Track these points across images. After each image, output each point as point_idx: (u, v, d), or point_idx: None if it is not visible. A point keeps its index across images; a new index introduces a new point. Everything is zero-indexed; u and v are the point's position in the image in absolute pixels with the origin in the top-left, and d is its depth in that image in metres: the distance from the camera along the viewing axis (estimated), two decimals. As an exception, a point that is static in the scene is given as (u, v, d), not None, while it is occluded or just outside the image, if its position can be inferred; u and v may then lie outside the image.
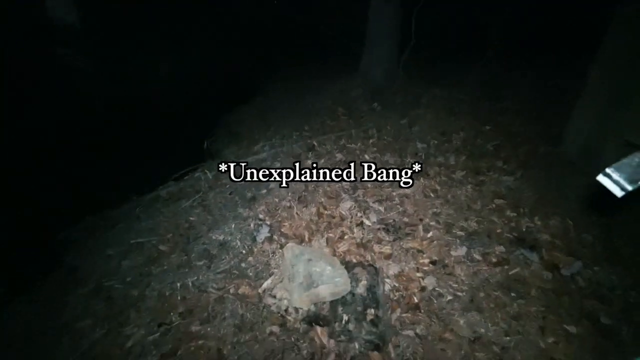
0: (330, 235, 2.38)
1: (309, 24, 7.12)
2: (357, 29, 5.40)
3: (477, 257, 2.16)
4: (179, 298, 2.01)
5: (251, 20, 7.67)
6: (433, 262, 2.14)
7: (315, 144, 3.64)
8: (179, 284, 2.07)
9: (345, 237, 2.37)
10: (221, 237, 2.41)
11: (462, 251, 2.19)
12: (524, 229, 2.40)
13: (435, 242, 2.29)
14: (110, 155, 3.75)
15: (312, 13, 6.43)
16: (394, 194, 2.78)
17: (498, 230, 2.40)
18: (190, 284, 2.07)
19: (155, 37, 6.25)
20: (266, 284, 2.04)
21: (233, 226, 2.49)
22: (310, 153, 3.46)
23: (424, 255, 2.19)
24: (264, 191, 2.86)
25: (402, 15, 4.88)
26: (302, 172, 2.92)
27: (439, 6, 5.01)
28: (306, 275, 1.91)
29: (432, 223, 2.47)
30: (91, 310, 2.01)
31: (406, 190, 2.81)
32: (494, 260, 2.15)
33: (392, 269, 2.11)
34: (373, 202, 2.69)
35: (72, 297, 2.14)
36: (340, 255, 2.22)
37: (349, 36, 6.05)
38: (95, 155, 3.74)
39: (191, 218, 2.61)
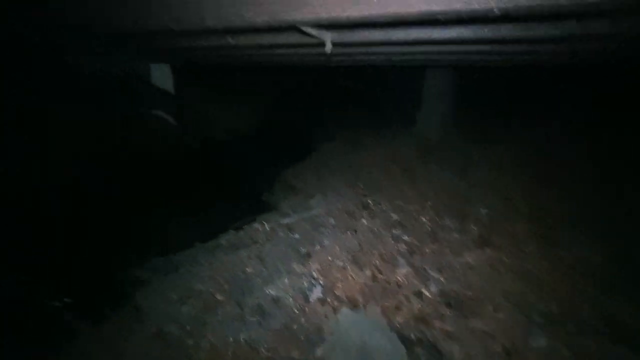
0: (386, 303, 2.25)
1: (363, 85, 7.59)
2: (411, 87, 5.63)
3: (566, 353, 1.84)
4: (230, 353, 1.99)
5: (306, 83, 8.41)
6: (507, 352, 1.87)
7: (370, 202, 3.64)
8: (231, 338, 2.07)
9: (402, 307, 2.22)
10: (274, 293, 2.41)
11: (542, 342, 1.90)
12: (620, 318, 2.04)
13: (507, 325, 2.03)
14: (178, 201, 4.12)
15: (367, 74, 6.87)
16: (456, 262, 2.60)
17: (585, 318, 2.06)
18: (242, 339, 2.06)
19: (224, 97, 7.10)
20: (319, 351, 1.95)
21: (287, 282, 2.49)
22: (364, 211, 3.46)
23: (495, 341, 1.94)
24: (318, 247, 2.86)
25: (457, 73, 5.01)
26: (356, 231, 2.90)
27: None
28: (360, 348, 1.79)
29: (502, 302, 2.22)
30: (149, 356, 2.07)
31: (469, 259, 2.62)
32: None
33: (457, 352, 1.89)
34: (432, 270, 2.53)
35: (133, 339, 2.24)
36: (397, 327, 2.06)
37: (402, 93, 6.29)
38: (166, 200, 4.13)
39: (247, 269, 2.68)
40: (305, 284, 2.44)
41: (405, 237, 2.97)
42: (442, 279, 2.45)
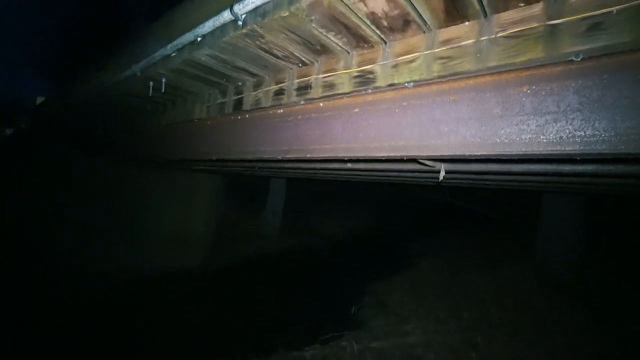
0: None
1: (472, 203, 7.28)
2: (525, 213, 5.09)
3: None
4: None
5: (407, 195, 8.51)
6: None
7: (479, 340, 3.04)
8: None
9: None
10: None
11: None
12: None
13: None
14: (268, 303, 4.22)
15: (475, 195, 6.63)
16: None
17: None
18: None
19: (325, 205, 7.69)
20: None
21: None
22: (472, 352, 2.87)
23: None
24: (415, 389, 2.41)
25: (585, 200, 4.38)
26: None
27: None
28: None
29: None
30: None
31: None
32: None
33: None
34: None
35: None
36: None
37: (518, 217, 5.71)
38: (255, 301, 4.28)
39: (330, 396, 2.39)
40: None
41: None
42: None
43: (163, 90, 1.95)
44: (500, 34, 0.96)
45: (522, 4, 0.91)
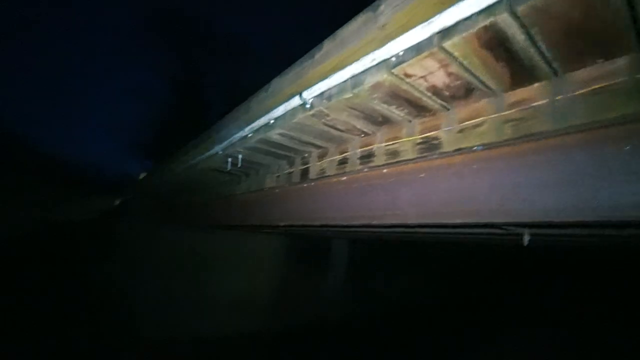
0: None
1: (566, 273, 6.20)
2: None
3: None
4: None
5: (483, 260, 7.62)
6: None
7: None
8: None
9: None
10: None
11: None
12: None
13: None
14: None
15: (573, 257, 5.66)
16: None
17: None
18: None
19: (391, 270, 7.23)
20: None
21: None
22: None
23: None
24: None
25: None
26: None
27: None
28: None
29: None
30: None
31: None
32: None
33: None
34: None
35: None
36: None
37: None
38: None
39: None
40: None
41: None
42: None
43: (239, 165, 2.19)
44: (578, 92, 0.90)
45: (601, 60, 0.86)
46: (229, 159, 2.26)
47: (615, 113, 0.83)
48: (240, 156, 2.14)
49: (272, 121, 1.63)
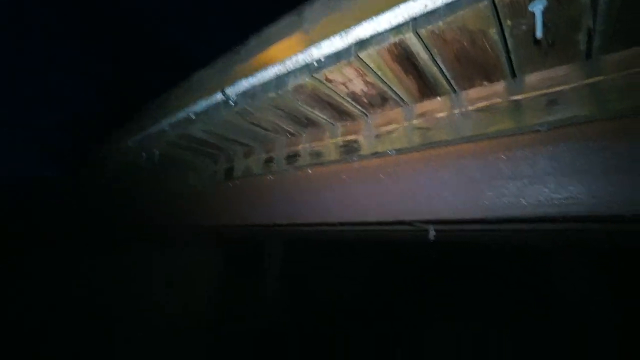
0: None
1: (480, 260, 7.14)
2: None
3: None
4: None
5: (402, 255, 8.34)
6: None
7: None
8: None
9: None
10: None
11: None
12: None
13: None
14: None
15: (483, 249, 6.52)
16: None
17: None
18: None
19: (325, 268, 7.45)
20: None
21: None
22: None
23: None
24: None
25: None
26: None
27: None
28: None
29: None
30: None
31: None
32: None
33: None
34: None
35: None
36: None
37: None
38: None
39: None
40: None
41: None
42: None
43: (156, 160, 2.00)
44: (470, 108, 1.04)
45: (486, 82, 1.01)
46: (144, 153, 2.05)
47: (495, 128, 0.99)
48: (157, 151, 1.96)
49: (192, 116, 1.53)
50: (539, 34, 0.67)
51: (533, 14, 0.67)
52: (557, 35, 0.75)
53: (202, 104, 1.43)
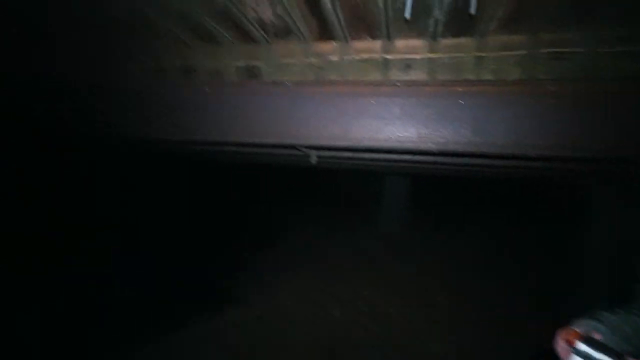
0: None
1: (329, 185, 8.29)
2: (370, 192, 6.35)
3: None
4: None
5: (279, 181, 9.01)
6: None
7: (340, 293, 3.75)
8: None
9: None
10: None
11: None
12: None
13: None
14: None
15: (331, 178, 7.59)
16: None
17: None
18: None
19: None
20: None
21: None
22: (335, 303, 3.53)
23: None
24: (290, 341, 2.83)
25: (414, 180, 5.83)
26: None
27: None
28: None
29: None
30: None
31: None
32: None
33: None
34: (401, 362, 2.59)
35: None
36: None
37: (363, 198, 6.95)
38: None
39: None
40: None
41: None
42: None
43: None
44: (355, 57, 1.29)
45: (369, 38, 1.26)
46: None
47: (370, 77, 1.28)
48: None
49: None
50: (407, 14, 0.92)
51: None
52: (418, 18, 1.03)
53: (74, -13, 1.19)
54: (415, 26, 1.11)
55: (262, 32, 1.28)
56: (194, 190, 5.40)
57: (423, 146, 1.31)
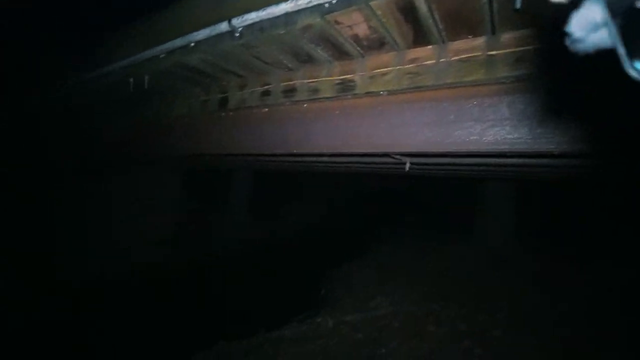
0: None
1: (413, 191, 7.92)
2: (465, 202, 5.77)
3: None
4: None
5: (370, 189, 9.04)
6: None
7: (437, 307, 3.51)
8: None
9: None
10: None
11: None
12: None
13: None
14: (245, 291, 4.38)
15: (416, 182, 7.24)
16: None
17: None
18: None
19: (292, 198, 7.90)
20: None
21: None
22: (431, 318, 3.32)
23: None
24: (383, 351, 2.77)
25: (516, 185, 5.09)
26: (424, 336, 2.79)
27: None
28: None
29: None
30: None
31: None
32: None
33: None
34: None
35: None
36: None
37: (462, 202, 6.38)
38: (232, 289, 4.42)
39: (312, 366, 2.66)
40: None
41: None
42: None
43: (145, 88, 2.00)
44: (453, 58, 1.23)
45: (470, 36, 1.19)
46: (131, 80, 2.03)
47: (472, 77, 1.20)
48: (146, 78, 1.95)
49: (192, 44, 1.55)
50: (518, 3, 0.84)
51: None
52: (530, 5, 0.93)
53: (204, 33, 1.46)
54: (527, 14, 0.99)
55: (357, 46, 1.33)
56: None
57: (539, 148, 1.15)
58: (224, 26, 1.37)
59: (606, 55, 0.30)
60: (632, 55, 0.28)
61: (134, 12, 1.85)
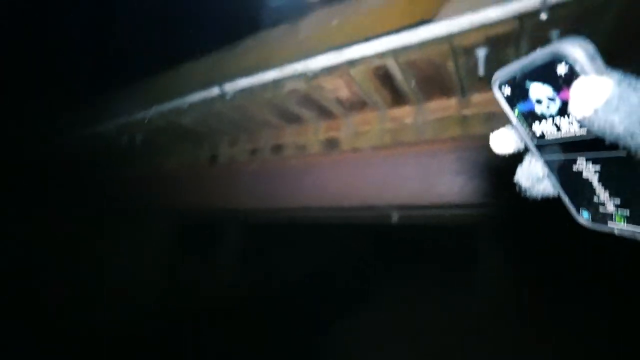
0: None
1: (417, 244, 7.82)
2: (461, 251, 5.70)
3: None
4: None
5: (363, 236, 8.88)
6: None
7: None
8: None
9: None
10: None
11: None
12: None
13: None
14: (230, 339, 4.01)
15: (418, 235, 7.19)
16: None
17: None
18: None
19: (286, 250, 7.67)
20: None
21: None
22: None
23: None
24: None
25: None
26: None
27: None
28: None
29: None
30: None
31: None
32: None
33: None
34: None
35: None
36: None
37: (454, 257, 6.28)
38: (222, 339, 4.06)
39: None
40: None
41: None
42: None
43: (136, 145, 2.05)
44: (430, 117, 1.32)
45: (444, 97, 1.29)
46: (125, 137, 2.08)
47: (448, 134, 1.27)
48: (139, 136, 2.01)
49: (185, 106, 1.63)
50: (481, 72, 0.94)
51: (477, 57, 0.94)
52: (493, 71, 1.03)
53: (197, 96, 1.54)
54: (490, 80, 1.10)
55: (341, 107, 1.43)
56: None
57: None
58: (215, 90, 1.46)
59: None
60: (577, 205, 0.30)
61: (133, 75, 1.97)
